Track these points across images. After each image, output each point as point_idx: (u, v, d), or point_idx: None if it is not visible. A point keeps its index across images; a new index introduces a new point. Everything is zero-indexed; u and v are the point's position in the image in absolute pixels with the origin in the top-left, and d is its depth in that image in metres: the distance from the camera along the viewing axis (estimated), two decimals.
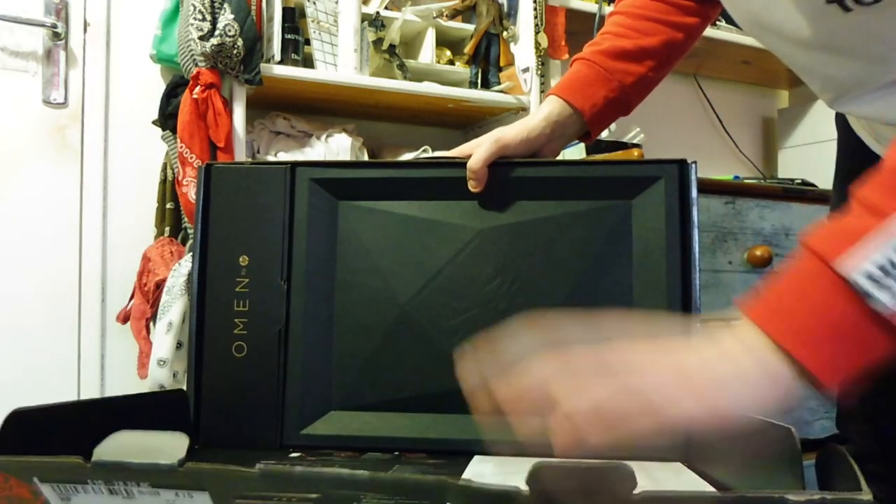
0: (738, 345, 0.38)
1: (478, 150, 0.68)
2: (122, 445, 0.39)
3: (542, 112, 0.72)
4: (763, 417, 0.44)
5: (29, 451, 0.44)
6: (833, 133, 0.86)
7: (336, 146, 1.28)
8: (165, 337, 1.12)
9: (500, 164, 0.70)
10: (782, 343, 0.37)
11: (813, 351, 0.36)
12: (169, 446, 0.39)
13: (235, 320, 0.69)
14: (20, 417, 0.46)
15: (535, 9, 1.34)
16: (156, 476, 0.38)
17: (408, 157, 1.34)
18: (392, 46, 1.30)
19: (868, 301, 0.34)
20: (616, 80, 0.71)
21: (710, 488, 0.55)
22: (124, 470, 0.38)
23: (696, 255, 0.68)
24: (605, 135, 1.39)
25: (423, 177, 0.71)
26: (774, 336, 0.37)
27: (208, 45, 1.08)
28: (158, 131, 1.25)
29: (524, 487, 0.36)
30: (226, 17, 1.09)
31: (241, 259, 0.70)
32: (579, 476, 0.35)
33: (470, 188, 0.69)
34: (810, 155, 1.79)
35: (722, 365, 0.38)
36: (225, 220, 0.71)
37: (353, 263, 0.71)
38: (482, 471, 0.58)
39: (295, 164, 0.71)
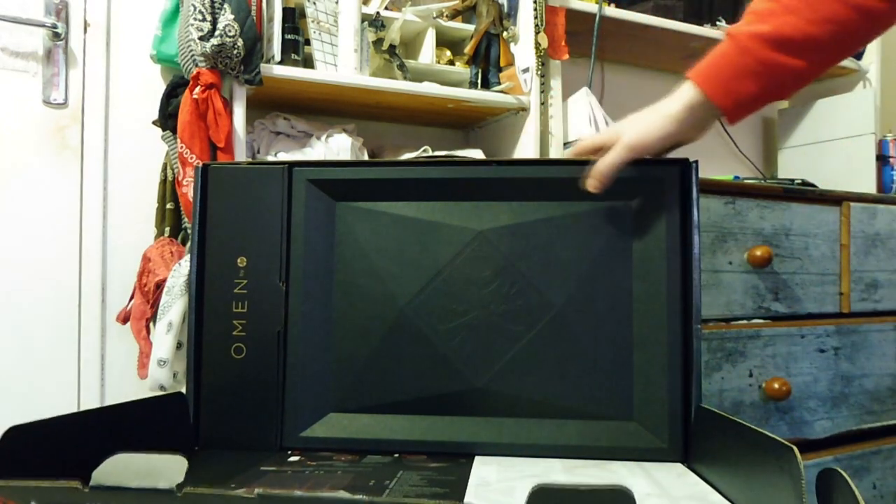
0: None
1: (610, 155, 0.66)
2: (120, 468, 0.39)
3: (678, 104, 0.64)
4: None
5: (28, 468, 0.44)
6: (833, 133, 0.86)
7: (336, 146, 1.28)
8: (165, 337, 1.12)
9: (499, 164, 0.70)
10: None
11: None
12: (168, 470, 0.38)
13: (234, 322, 0.69)
14: (17, 434, 0.45)
15: (535, 9, 1.34)
16: (154, 500, 0.38)
17: (408, 157, 1.34)
18: (392, 46, 1.30)
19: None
20: (769, 76, 0.60)
21: (711, 492, 0.55)
22: (122, 494, 0.38)
23: (698, 256, 0.67)
24: None
25: (421, 177, 0.71)
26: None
27: (208, 45, 1.08)
28: (158, 131, 1.24)
29: None
30: (226, 18, 1.08)
31: (239, 260, 0.70)
32: (579, 498, 0.35)
33: (589, 187, 0.67)
34: (810, 155, 1.78)
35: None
36: (222, 222, 0.71)
37: (352, 265, 0.71)
38: (486, 476, 0.57)
39: (292, 165, 0.71)
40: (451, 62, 1.46)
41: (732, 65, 0.60)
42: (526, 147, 1.36)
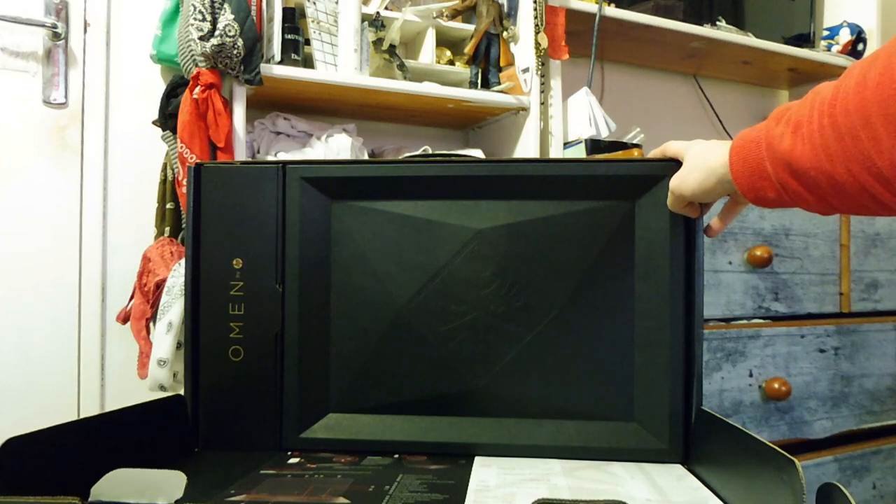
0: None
1: (670, 200, 0.66)
2: (119, 484, 0.38)
3: (728, 172, 0.58)
4: (767, 441, 0.45)
5: (27, 480, 0.44)
6: None
7: (336, 146, 1.28)
8: (165, 337, 1.12)
9: (497, 163, 0.70)
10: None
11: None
12: (167, 485, 0.38)
13: (231, 324, 0.69)
14: (16, 445, 0.44)
15: (535, 9, 1.33)
16: None
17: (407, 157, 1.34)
18: (392, 46, 1.30)
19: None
20: (785, 192, 0.53)
21: (711, 497, 0.55)
22: None
23: (702, 257, 0.67)
24: (604, 135, 1.39)
25: (418, 175, 0.70)
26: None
27: (208, 45, 1.07)
28: (158, 131, 1.24)
29: None
30: (226, 18, 1.08)
31: (234, 262, 0.69)
32: None
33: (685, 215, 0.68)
34: None
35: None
36: (217, 223, 0.70)
37: (349, 265, 0.70)
38: (486, 480, 0.57)
39: (286, 163, 0.71)
40: (451, 62, 1.46)
41: (756, 166, 0.54)
42: (526, 147, 1.36)
